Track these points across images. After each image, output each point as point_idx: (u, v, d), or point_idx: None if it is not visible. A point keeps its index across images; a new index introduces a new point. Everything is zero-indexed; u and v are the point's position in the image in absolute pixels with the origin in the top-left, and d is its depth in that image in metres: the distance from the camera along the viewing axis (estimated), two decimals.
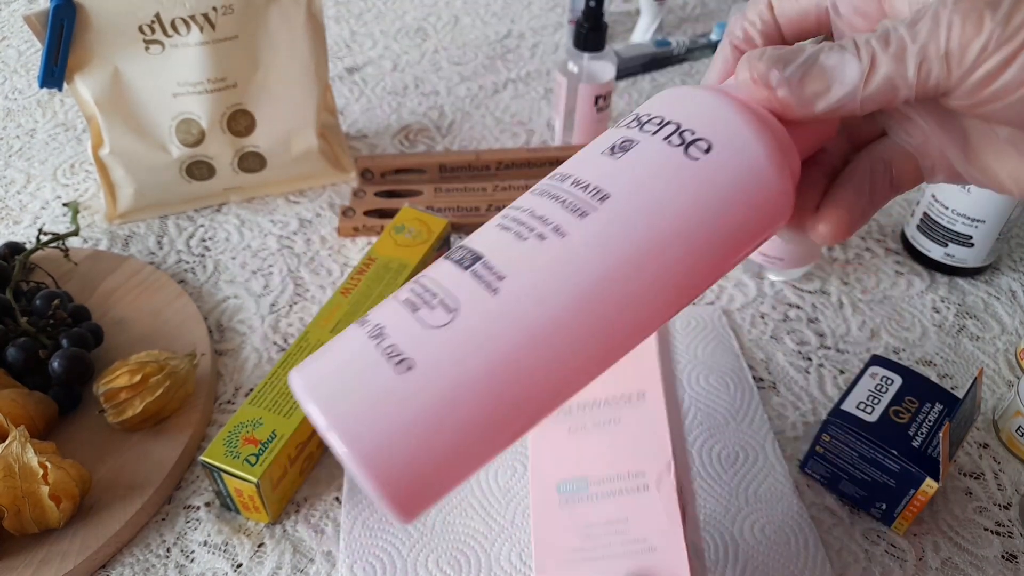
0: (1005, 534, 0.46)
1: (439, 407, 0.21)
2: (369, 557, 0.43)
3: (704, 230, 0.23)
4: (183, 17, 0.58)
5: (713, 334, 0.56)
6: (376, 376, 0.21)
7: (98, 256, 0.60)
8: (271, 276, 0.61)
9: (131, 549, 0.44)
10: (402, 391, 0.21)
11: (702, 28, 0.93)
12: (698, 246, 0.23)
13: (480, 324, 0.22)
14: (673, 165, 0.23)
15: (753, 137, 0.24)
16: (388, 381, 0.21)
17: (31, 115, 0.77)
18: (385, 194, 0.67)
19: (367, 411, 0.21)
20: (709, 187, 0.23)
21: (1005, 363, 0.56)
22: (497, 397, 0.22)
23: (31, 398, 0.46)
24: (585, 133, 0.70)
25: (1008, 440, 0.50)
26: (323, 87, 0.65)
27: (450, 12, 0.95)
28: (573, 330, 0.22)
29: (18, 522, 0.42)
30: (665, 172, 0.23)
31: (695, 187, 0.23)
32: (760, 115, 0.24)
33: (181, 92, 0.61)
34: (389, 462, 0.21)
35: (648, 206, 0.23)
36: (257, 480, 0.42)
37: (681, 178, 0.23)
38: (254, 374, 0.54)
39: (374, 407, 0.21)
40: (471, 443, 0.22)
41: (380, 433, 0.21)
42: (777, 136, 0.24)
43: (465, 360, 0.22)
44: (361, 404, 0.21)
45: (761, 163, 0.24)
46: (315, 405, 0.21)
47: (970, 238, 0.58)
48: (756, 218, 0.24)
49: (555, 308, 0.22)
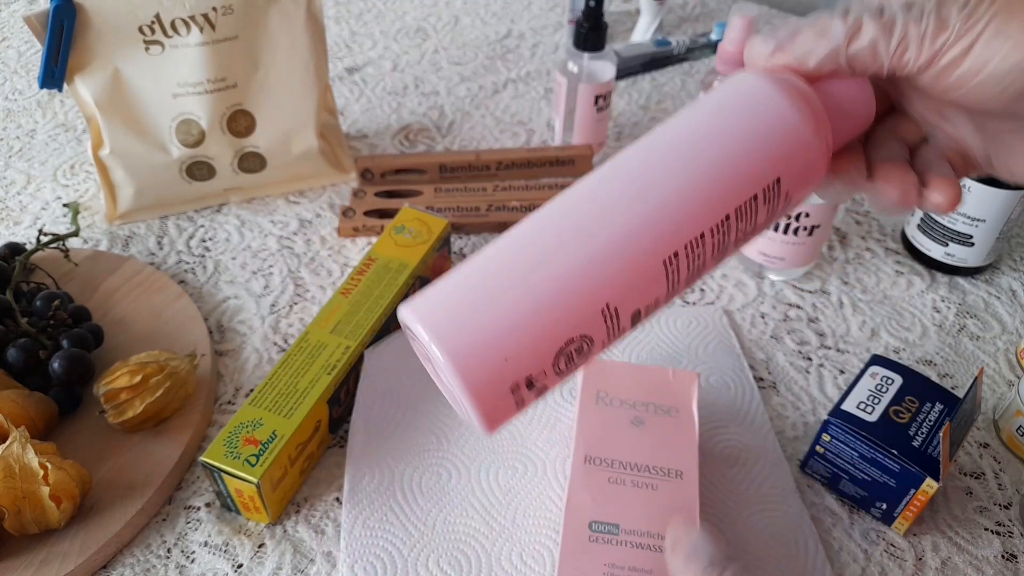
0: (1005, 534, 0.46)
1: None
2: (370, 557, 0.43)
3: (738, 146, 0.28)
4: (183, 17, 0.58)
5: (714, 334, 0.56)
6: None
7: (98, 257, 0.60)
8: (271, 276, 0.61)
9: (131, 550, 0.44)
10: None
11: (702, 28, 0.93)
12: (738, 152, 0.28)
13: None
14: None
15: (775, 91, 0.28)
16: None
17: (31, 116, 0.77)
18: (385, 194, 0.67)
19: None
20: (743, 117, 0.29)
21: (1005, 362, 0.56)
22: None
23: (31, 399, 0.46)
24: (585, 133, 0.70)
25: (1009, 440, 0.50)
26: (323, 87, 0.65)
27: (450, 12, 0.95)
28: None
29: (18, 523, 0.42)
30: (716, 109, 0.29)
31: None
32: (783, 77, 0.29)
33: (181, 92, 0.61)
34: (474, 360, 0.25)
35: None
36: (257, 480, 0.42)
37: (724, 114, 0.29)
38: (254, 374, 0.54)
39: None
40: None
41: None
42: (804, 95, 0.28)
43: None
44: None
45: (784, 108, 0.28)
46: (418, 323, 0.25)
47: (970, 237, 0.58)
48: (783, 148, 0.28)
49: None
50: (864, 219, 0.67)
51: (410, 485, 0.47)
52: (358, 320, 0.50)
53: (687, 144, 0.28)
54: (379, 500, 0.46)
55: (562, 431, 0.49)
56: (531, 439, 0.49)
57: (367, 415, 0.49)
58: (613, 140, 0.76)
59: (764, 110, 0.28)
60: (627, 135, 0.76)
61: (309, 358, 0.48)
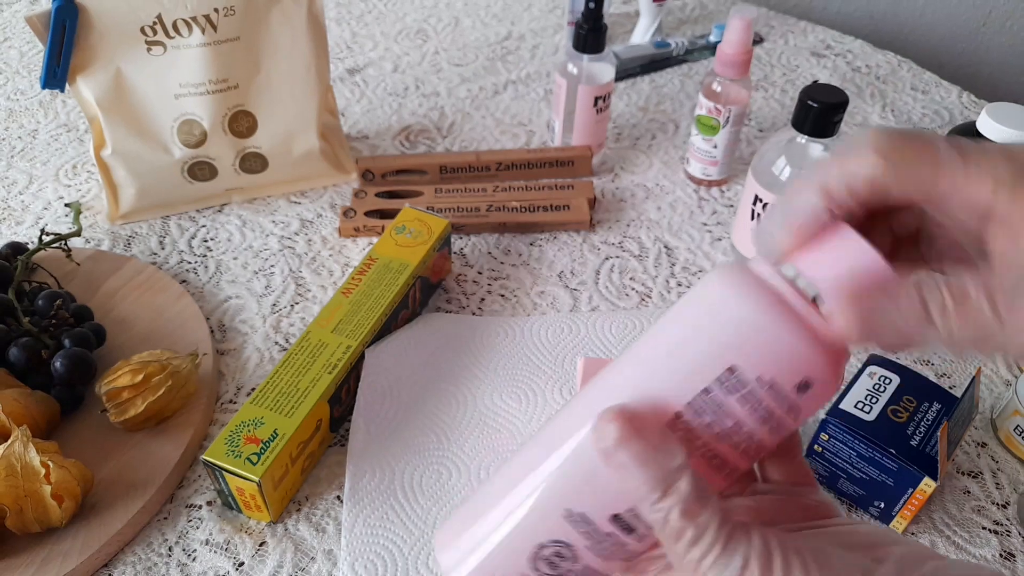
0: (1003, 533, 0.46)
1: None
2: (370, 555, 0.43)
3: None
4: (185, 18, 0.58)
5: None
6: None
7: (100, 256, 0.60)
8: (273, 276, 0.61)
9: (133, 548, 0.44)
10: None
11: (701, 29, 0.93)
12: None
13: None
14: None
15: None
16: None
17: (33, 116, 0.77)
18: (386, 195, 0.67)
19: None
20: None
21: (1003, 362, 0.56)
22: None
23: (33, 398, 0.46)
24: (584, 134, 0.70)
25: (1006, 439, 0.50)
26: (324, 88, 0.66)
27: (450, 14, 0.95)
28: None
29: (20, 521, 0.42)
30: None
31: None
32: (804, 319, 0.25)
33: (183, 93, 0.61)
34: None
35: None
36: (259, 479, 0.42)
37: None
38: (256, 374, 0.54)
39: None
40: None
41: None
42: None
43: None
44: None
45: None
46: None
47: None
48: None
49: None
50: None
51: (411, 484, 0.47)
52: (359, 320, 0.50)
53: (627, 362, 0.27)
54: (380, 498, 0.46)
55: None
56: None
57: (368, 414, 0.49)
58: (612, 141, 0.76)
59: (711, 301, 0.26)
60: (626, 136, 0.77)
61: (310, 357, 0.48)
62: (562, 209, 0.65)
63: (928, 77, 0.87)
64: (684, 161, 0.72)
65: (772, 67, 0.88)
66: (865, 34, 1.05)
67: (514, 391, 0.52)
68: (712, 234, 0.66)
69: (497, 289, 0.61)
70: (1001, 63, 1.07)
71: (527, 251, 0.64)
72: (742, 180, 0.72)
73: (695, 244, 0.65)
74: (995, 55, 1.06)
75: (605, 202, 0.69)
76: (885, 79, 0.86)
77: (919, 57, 0.97)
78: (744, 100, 0.66)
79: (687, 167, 0.71)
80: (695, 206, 0.69)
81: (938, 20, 1.04)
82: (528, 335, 0.56)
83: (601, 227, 0.66)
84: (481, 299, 0.60)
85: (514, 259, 0.63)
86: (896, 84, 0.85)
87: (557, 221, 0.65)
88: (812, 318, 0.25)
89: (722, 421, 0.26)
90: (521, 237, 0.65)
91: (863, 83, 0.85)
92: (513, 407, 0.51)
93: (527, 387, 0.52)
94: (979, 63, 1.07)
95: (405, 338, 0.53)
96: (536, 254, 0.64)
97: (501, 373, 0.53)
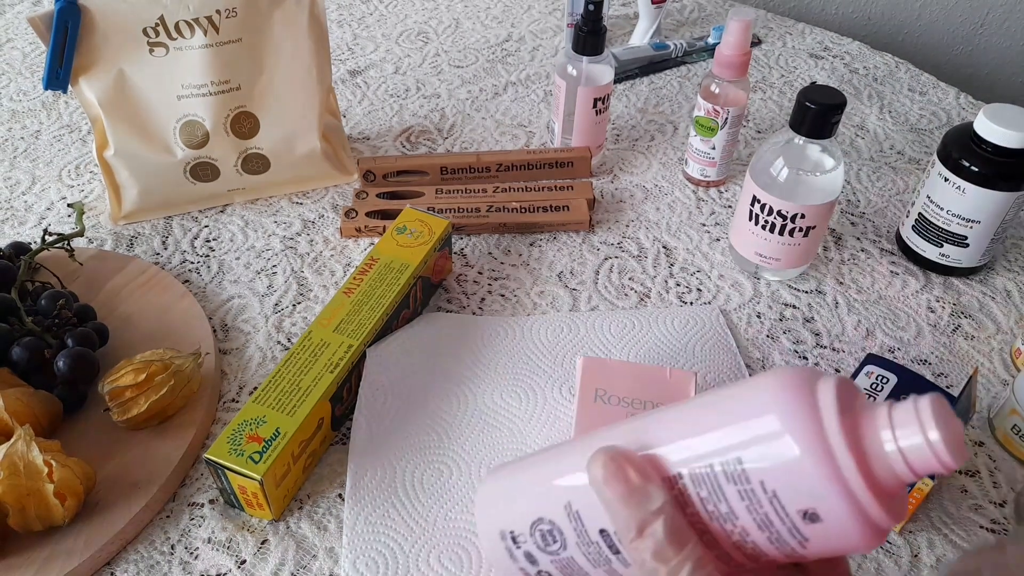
0: (1000, 532, 0.46)
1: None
2: (372, 553, 0.44)
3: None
4: (187, 20, 0.59)
5: (711, 333, 0.57)
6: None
7: (103, 256, 0.60)
8: (275, 276, 0.61)
9: (136, 546, 0.45)
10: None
11: (699, 31, 0.94)
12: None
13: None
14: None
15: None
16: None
17: (36, 117, 0.78)
18: (387, 195, 0.67)
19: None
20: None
21: (1000, 362, 0.56)
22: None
23: (36, 397, 0.47)
24: (584, 135, 0.71)
25: (1003, 438, 0.50)
26: (326, 90, 0.66)
27: (451, 16, 0.96)
28: None
29: (23, 520, 0.42)
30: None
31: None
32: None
33: (185, 94, 0.61)
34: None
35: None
36: (261, 477, 0.42)
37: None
38: (258, 373, 0.54)
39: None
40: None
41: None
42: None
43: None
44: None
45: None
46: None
47: (965, 239, 0.59)
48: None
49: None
50: (859, 220, 0.68)
51: (412, 482, 0.47)
52: (360, 319, 0.51)
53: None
54: (381, 497, 0.46)
55: (561, 428, 0.50)
56: (530, 436, 0.49)
57: (369, 412, 0.50)
58: (612, 142, 0.76)
59: (760, 403, 0.27)
60: (625, 137, 0.77)
61: (312, 356, 0.48)
62: (562, 210, 0.66)
63: (926, 78, 0.87)
64: (683, 162, 0.73)
65: (770, 68, 0.88)
66: (863, 36, 1.05)
67: (514, 390, 0.52)
68: (710, 235, 0.66)
69: (497, 289, 0.61)
70: (998, 64, 1.07)
71: (527, 251, 0.64)
72: (740, 181, 0.72)
73: (693, 244, 0.65)
74: (992, 56, 1.07)
75: (604, 203, 0.69)
76: (883, 80, 0.87)
77: (917, 58, 0.97)
78: (742, 101, 0.66)
79: (685, 168, 0.72)
80: (693, 207, 0.69)
81: (936, 22, 1.04)
82: (528, 334, 0.56)
83: (600, 228, 0.67)
84: (481, 299, 0.60)
85: (514, 259, 0.64)
86: (894, 85, 0.86)
87: (557, 222, 0.65)
88: (852, 479, 0.25)
89: (717, 503, 0.27)
90: (521, 237, 0.66)
91: (861, 84, 0.86)
92: (513, 406, 0.51)
93: (527, 386, 0.52)
94: (976, 64, 1.08)
95: (406, 337, 0.54)
96: (536, 254, 0.64)
97: (501, 372, 0.53)
